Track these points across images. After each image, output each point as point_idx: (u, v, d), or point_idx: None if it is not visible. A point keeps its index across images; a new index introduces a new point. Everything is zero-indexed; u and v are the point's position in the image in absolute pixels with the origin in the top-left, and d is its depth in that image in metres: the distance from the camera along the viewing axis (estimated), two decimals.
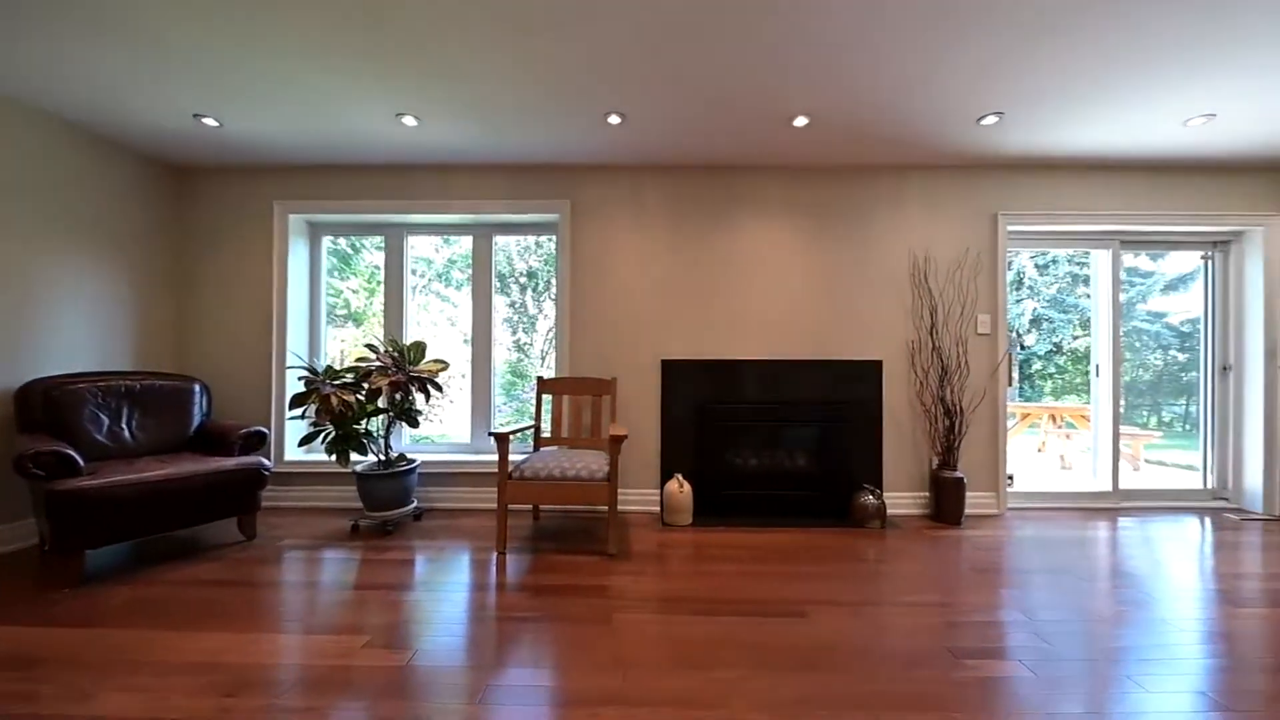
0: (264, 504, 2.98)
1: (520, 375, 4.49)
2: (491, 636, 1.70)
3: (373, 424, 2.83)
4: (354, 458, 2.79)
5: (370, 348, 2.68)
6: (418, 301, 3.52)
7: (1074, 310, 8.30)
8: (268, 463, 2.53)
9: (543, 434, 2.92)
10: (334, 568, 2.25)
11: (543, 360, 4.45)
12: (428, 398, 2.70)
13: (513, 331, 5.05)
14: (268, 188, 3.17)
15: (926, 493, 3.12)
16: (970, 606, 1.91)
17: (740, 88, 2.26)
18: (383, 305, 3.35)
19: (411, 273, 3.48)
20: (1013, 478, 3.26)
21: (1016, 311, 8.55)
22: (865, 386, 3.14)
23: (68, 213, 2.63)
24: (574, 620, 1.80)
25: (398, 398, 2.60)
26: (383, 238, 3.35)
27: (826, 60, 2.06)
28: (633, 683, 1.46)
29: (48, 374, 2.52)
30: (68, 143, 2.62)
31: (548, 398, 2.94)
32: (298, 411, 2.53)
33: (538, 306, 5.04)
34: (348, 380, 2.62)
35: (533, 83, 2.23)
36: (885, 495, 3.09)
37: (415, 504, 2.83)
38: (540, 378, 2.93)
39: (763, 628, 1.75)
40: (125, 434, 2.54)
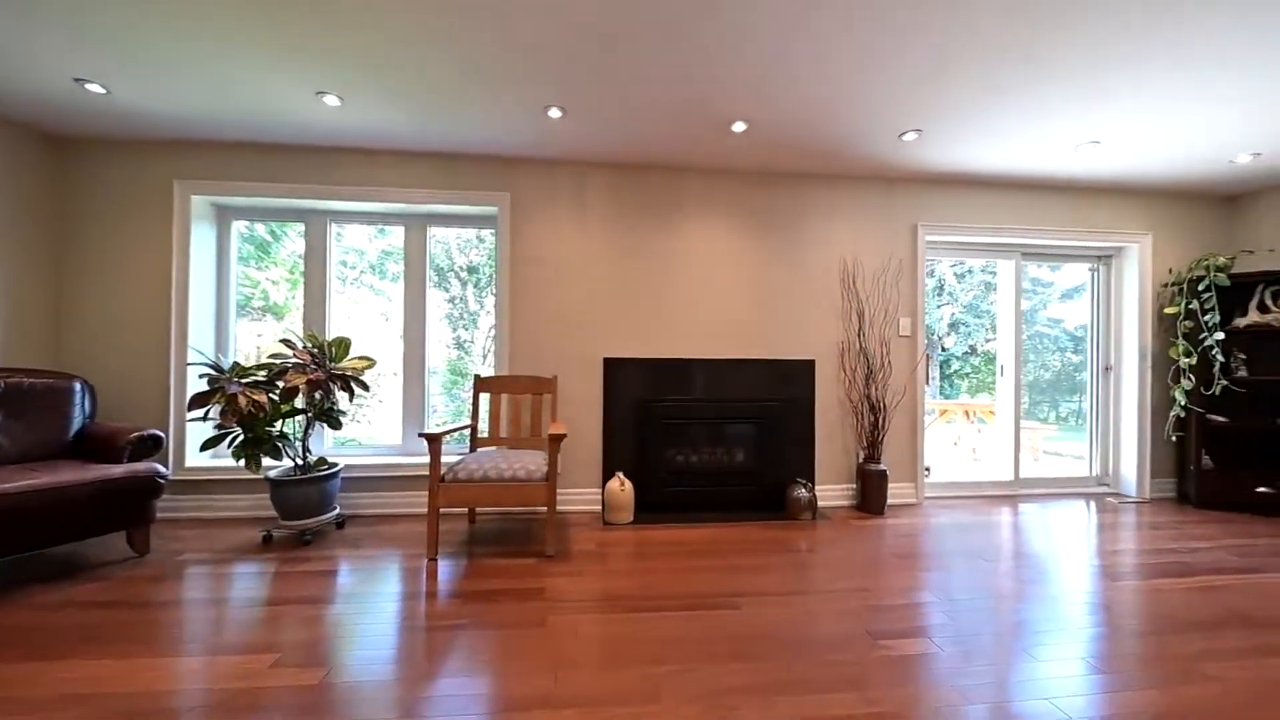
0: (161, 515, 2.71)
1: (461, 374, 4.32)
2: (418, 647, 1.62)
3: (289, 426, 2.63)
4: (267, 463, 2.57)
5: (286, 343, 2.48)
6: (348, 295, 3.30)
7: (986, 315, 9.08)
8: (163, 469, 2.28)
9: (480, 434, 2.82)
10: (241, 583, 2.06)
11: (485, 358, 4.31)
12: (351, 397, 2.53)
13: (453, 328, 4.85)
14: (166, 165, 2.86)
15: (854, 484, 3.29)
16: (888, 591, 2.03)
17: (681, 89, 2.28)
18: (304, 297, 3.11)
19: (341, 264, 3.26)
20: (930, 469, 3.51)
21: (937, 316, 9.22)
22: (800, 385, 3.27)
23: None
24: (507, 625, 1.74)
25: (317, 397, 2.42)
26: (303, 225, 3.11)
27: (763, 68, 2.12)
28: (565, 684, 1.43)
29: None
30: None
31: (486, 397, 2.85)
32: (199, 413, 2.30)
33: (479, 302, 4.87)
34: (259, 379, 2.41)
35: (466, 69, 2.14)
36: (817, 488, 3.23)
37: (338, 511, 2.65)
38: (478, 376, 2.83)
39: (697, 621, 1.78)
40: None
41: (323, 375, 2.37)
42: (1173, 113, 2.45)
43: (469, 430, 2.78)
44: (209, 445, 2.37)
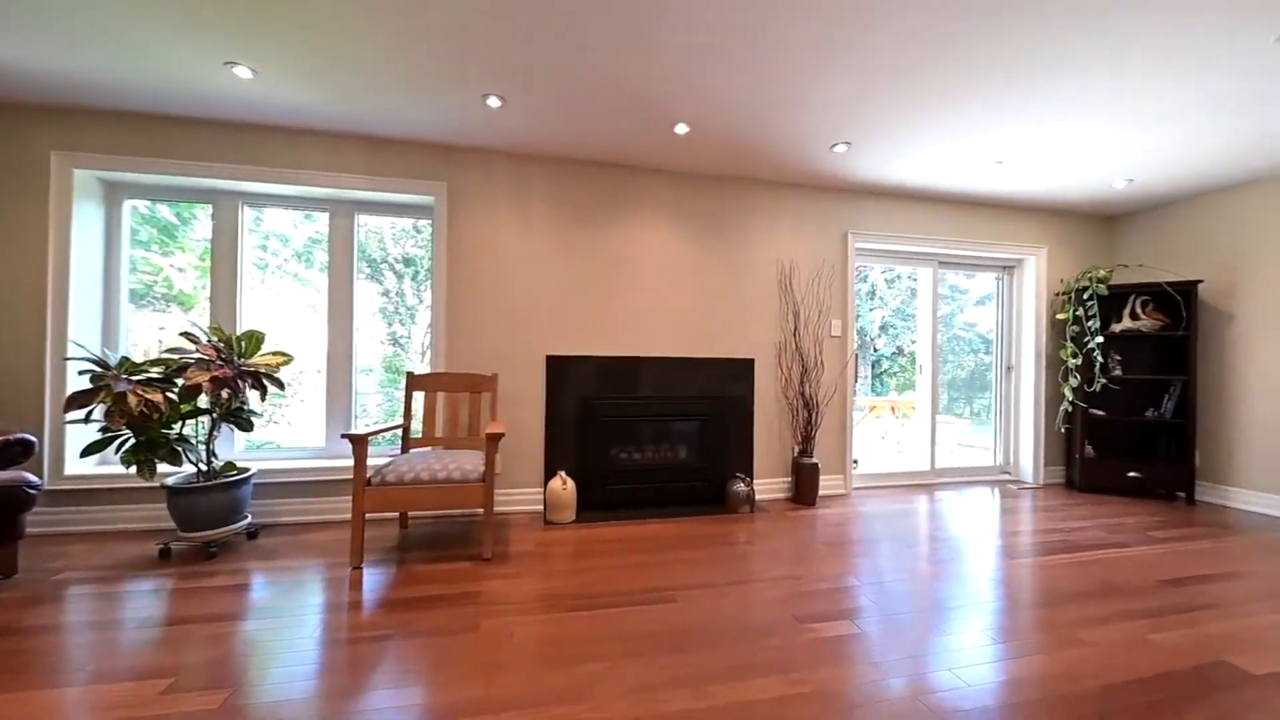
0: (36, 530, 2.39)
1: (398, 371, 4.10)
2: (338, 662, 1.52)
3: (192, 428, 2.39)
4: (165, 469, 2.32)
5: (188, 336, 2.24)
6: (268, 285, 3.04)
7: (912, 319, 9.77)
8: (34, 478, 2.00)
9: (414, 435, 2.69)
10: (131, 602, 1.85)
11: (423, 355, 4.11)
12: (264, 396, 2.33)
13: (389, 323, 4.59)
14: (42, 134, 2.51)
15: (789, 478, 3.43)
16: (817, 577, 2.14)
17: (624, 87, 2.28)
18: (210, 287, 2.84)
19: (261, 250, 3.00)
20: (858, 462, 3.72)
21: (870, 319, 9.80)
22: (740, 383, 3.36)
23: None
24: (438, 632, 1.68)
25: (224, 396, 2.21)
26: (210, 206, 2.83)
27: (704, 73, 2.16)
28: (497, 688, 1.39)
29: None
30: None
31: (420, 396, 2.72)
32: (79, 414, 2.04)
33: (418, 296, 4.64)
34: (153, 375, 2.17)
35: (391, 50, 2.03)
36: (755, 482, 3.34)
37: (249, 520, 2.44)
38: (410, 374, 2.70)
39: (634, 616, 1.79)
40: None
41: (230, 372, 2.17)
42: (1062, 143, 2.74)
43: (401, 431, 2.64)
44: (92, 450, 2.11)
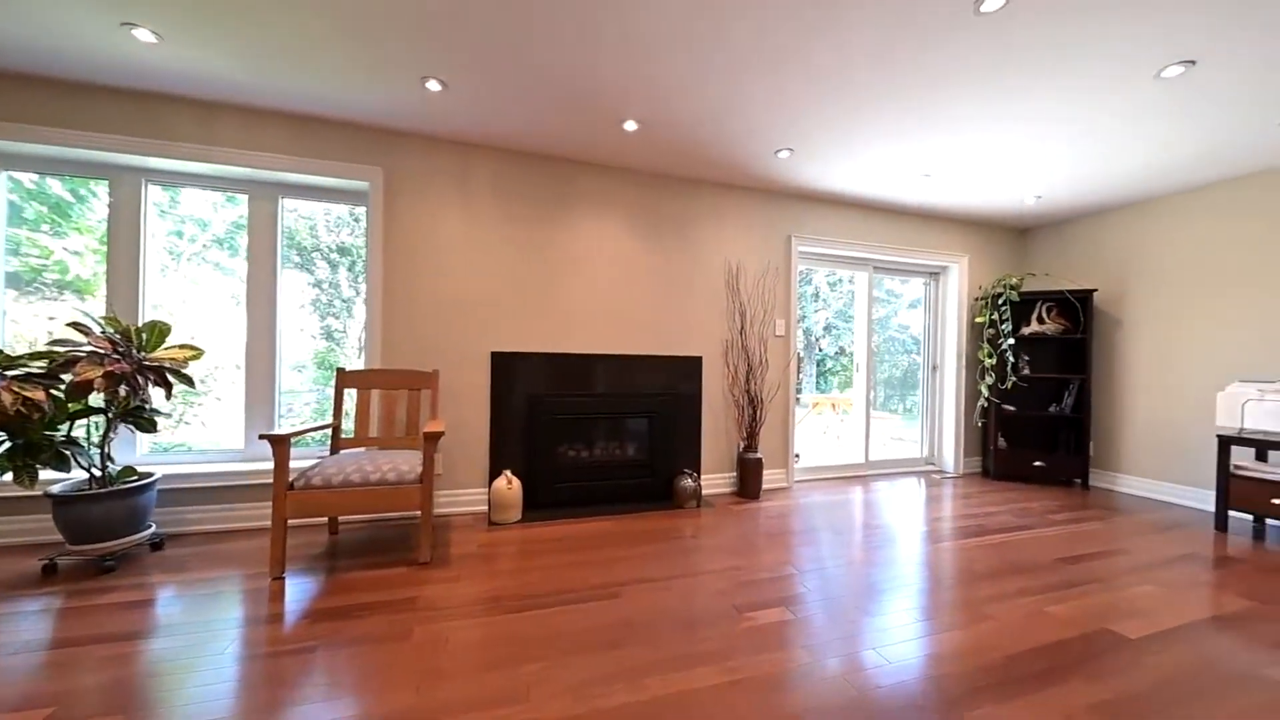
0: None
1: (333, 368, 3.85)
2: (253, 678, 1.41)
3: (84, 429, 2.14)
4: (49, 475, 2.07)
5: (78, 327, 2.00)
6: (183, 272, 2.77)
7: (853, 320, 10.28)
8: None
9: (345, 435, 2.54)
10: (4, 625, 1.64)
11: (360, 351, 3.88)
12: (169, 393, 2.12)
13: (321, 316, 4.30)
14: None
15: (734, 473, 3.52)
16: (757, 567, 2.21)
17: (572, 80, 2.25)
18: (108, 273, 2.55)
19: (178, 236, 2.73)
20: (799, 456, 3.88)
21: (814, 320, 10.24)
22: (689, 380, 3.41)
23: None
24: (367, 641, 1.59)
25: (121, 393, 1.99)
26: (107, 182, 2.55)
27: (653, 70, 2.16)
28: (428, 695, 1.34)
29: None
30: None
31: (353, 394, 2.57)
32: None
33: (354, 288, 4.37)
34: (34, 371, 1.92)
35: (320, 19, 1.91)
36: (703, 477, 3.41)
37: (153, 529, 2.22)
38: (340, 370, 2.55)
39: (577, 615, 1.77)
40: None
41: (128, 367, 1.95)
42: (983, 160, 2.97)
43: (331, 431, 2.49)
44: None
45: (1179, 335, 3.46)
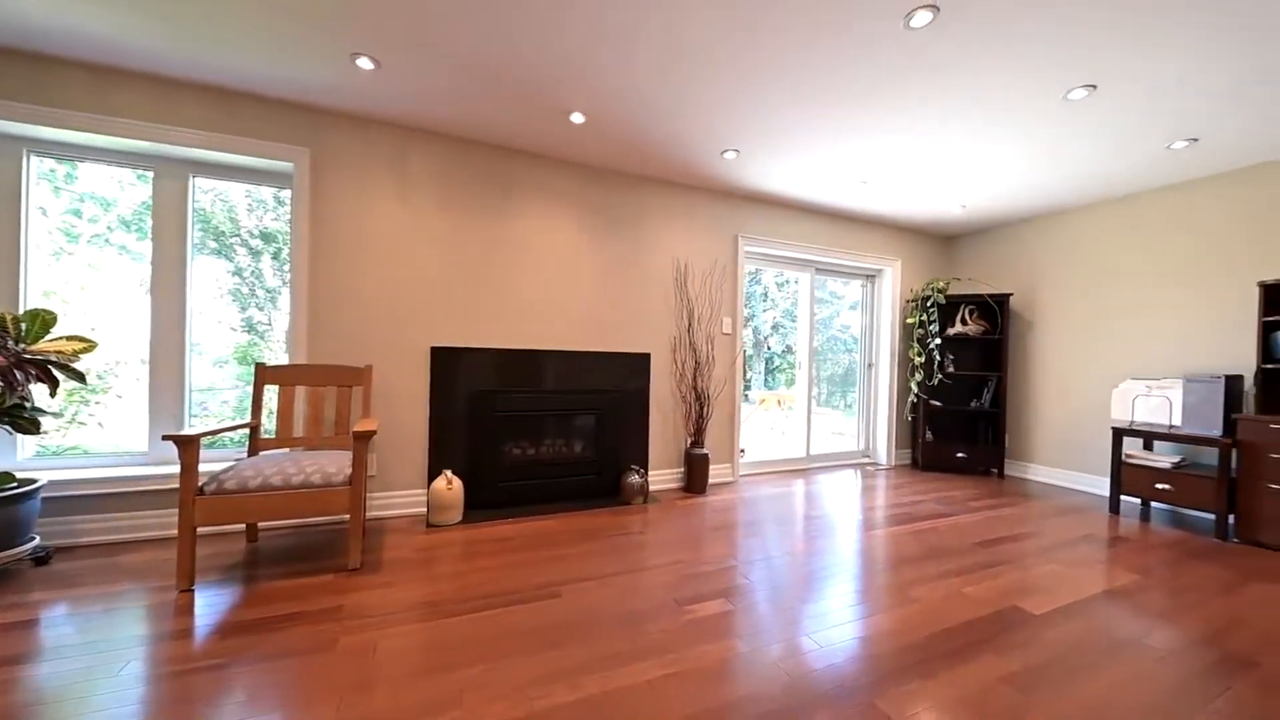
0: None
1: (253, 362, 3.56)
2: (154, 700, 1.28)
3: None
4: None
5: None
6: (84, 257, 2.47)
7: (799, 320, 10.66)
8: None
9: (266, 435, 2.37)
10: None
11: (287, 344, 3.62)
12: (54, 390, 1.89)
13: (242, 307, 3.98)
14: None
15: (682, 468, 3.56)
16: (700, 560, 2.24)
17: (514, 65, 2.18)
18: None
19: (76, 215, 2.43)
20: (744, 451, 3.97)
21: (763, 319, 10.52)
22: (637, 377, 3.41)
23: None
24: (287, 654, 1.49)
25: None
26: None
27: (600, 61, 2.13)
28: (352, 709, 1.27)
29: None
30: None
31: (275, 390, 2.39)
32: None
33: (280, 278, 4.07)
34: None
35: None
36: (650, 473, 3.42)
37: (37, 542, 1.98)
38: (261, 365, 2.37)
39: (516, 616, 1.73)
40: None
41: (3, 360, 1.72)
42: (913, 169, 3.14)
43: (249, 431, 2.31)
44: None
45: (1081, 337, 3.81)
